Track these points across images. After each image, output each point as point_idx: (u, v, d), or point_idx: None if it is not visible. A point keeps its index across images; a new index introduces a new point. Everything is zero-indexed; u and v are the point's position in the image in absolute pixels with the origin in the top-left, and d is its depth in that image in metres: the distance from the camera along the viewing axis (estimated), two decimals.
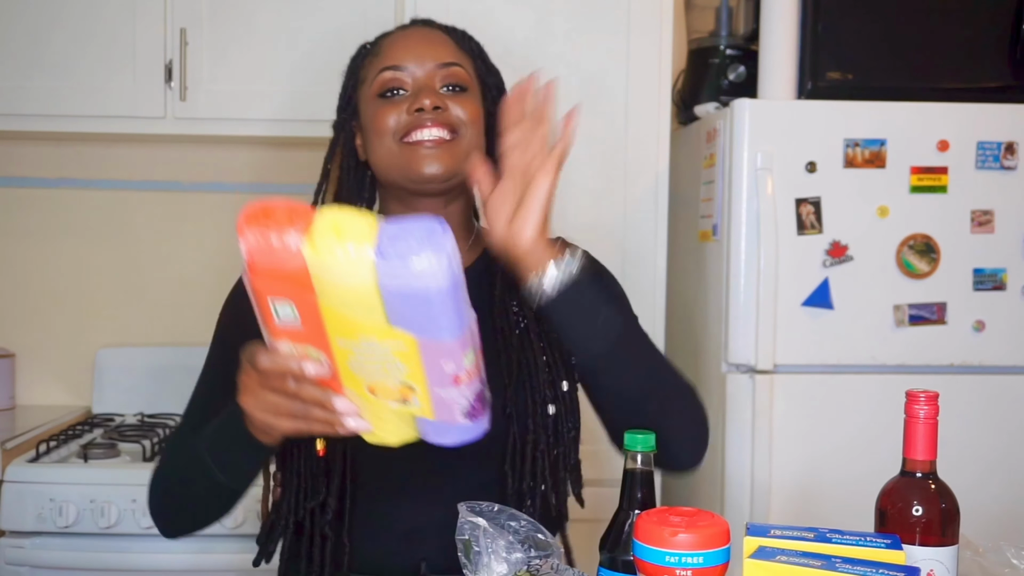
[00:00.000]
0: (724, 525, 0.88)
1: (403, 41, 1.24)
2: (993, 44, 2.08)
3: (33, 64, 2.27)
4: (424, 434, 0.99)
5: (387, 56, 1.23)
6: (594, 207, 2.17)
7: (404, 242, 0.82)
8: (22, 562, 2.01)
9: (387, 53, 1.23)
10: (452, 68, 1.23)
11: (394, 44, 1.24)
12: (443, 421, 0.96)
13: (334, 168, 1.29)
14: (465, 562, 0.94)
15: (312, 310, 0.88)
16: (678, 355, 2.33)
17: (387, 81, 1.21)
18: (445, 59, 1.23)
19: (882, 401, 1.94)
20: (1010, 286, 2.00)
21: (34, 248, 2.60)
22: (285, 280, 0.85)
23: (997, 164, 1.99)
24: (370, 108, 1.23)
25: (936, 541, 0.99)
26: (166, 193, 2.62)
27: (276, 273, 0.85)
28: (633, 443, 0.99)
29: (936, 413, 1.01)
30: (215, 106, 2.28)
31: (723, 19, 2.32)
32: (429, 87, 1.20)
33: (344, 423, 0.97)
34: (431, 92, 1.20)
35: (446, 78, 1.22)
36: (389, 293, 0.84)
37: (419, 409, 0.95)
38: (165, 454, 1.26)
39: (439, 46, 1.24)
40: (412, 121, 1.19)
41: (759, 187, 1.95)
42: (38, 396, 2.60)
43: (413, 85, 1.21)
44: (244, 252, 0.85)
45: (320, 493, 1.18)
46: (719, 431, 2.03)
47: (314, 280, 0.85)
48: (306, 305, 0.87)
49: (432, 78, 1.21)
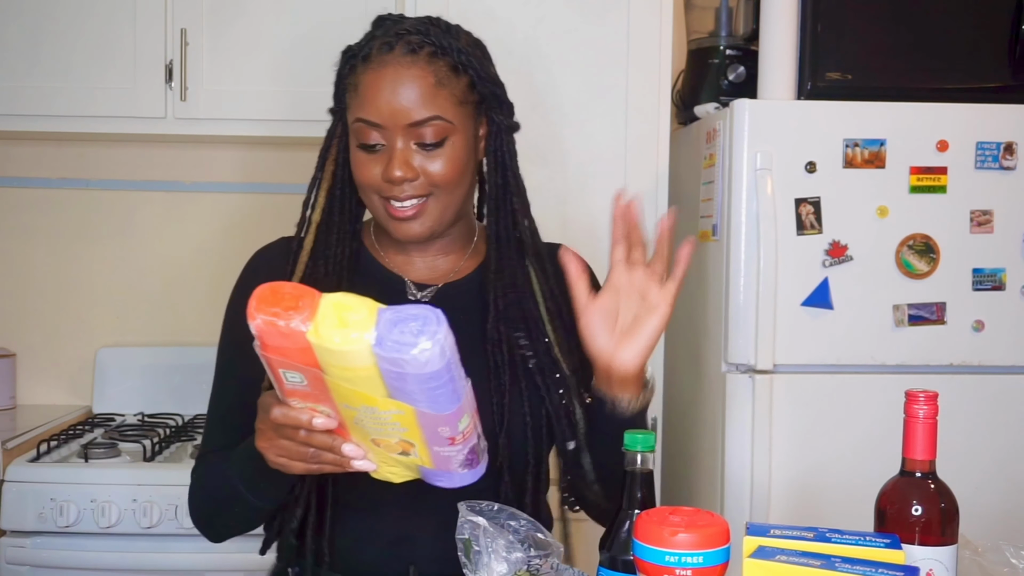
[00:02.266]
0: (724, 525, 0.88)
1: (378, 87, 1.19)
2: (993, 44, 2.08)
3: (33, 64, 2.27)
4: (425, 477, 1.07)
5: (363, 101, 1.21)
6: (594, 207, 2.18)
7: (400, 330, 0.90)
8: (23, 562, 2.01)
9: (363, 96, 1.21)
10: (427, 125, 1.19)
11: (370, 89, 1.20)
12: (441, 470, 1.04)
13: (329, 161, 1.30)
14: (465, 561, 0.94)
15: (318, 379, 0.95)
16: (678, 355, 2.33)
17: (362, 134, 1.21)
18: (420, 115, 1.19)
19: (882, 401, 1.94)
20: (1009, 286, 2.00)
21: (34, 248, 2.60)
22: (293, 356, 0.93)
23: (996, 164, 1.99)
24: (352, 147, 1.24)
25: (935, 541, 0.99)
26: (166, 193, 2.62)
27: (285, 351, 0.93)
28: (633, 443, 0.99)
29: (936, 413, 1.01)
30: (215, 106, 2.28)
31: (723, 19, 2.32)
32: (402, 154, 1.20)
33: (352, 465, 1.04)
34: (402, 162, 1.19)
35: (420, 136, 1.20)
36: (388, 375, 0.92)
37: (419, 460, 1.03)
38: (200, 476, 1.29)
39: (414, 95, 1.19)
40: (387, 188, 1.21)
41: (759, 187, 1.95)
42: (38, 396, 2.60)
43: (388, 142, 1.21)
44: (255, 333, 0.92)
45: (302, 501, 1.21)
46: (719, 431, 2.03)
47: (319, 359, 0.92)
48: (313, 375, 0.95)
49: (407, 138, 1.20)
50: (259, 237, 1.37)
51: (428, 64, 1.20)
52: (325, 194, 1.29)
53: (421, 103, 1.19)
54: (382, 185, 1.21)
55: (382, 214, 1.24)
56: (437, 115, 1.20)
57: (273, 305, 0.91)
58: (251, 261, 1.34)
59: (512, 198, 1.30)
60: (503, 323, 1.25)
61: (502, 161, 1.29)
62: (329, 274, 1.25)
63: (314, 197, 1.30)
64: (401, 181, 1.19)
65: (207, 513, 1.27)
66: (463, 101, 1.23)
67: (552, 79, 2.19)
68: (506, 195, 1.30)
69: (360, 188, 1.25)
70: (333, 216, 1.29)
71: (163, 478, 2.04)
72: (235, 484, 1.17)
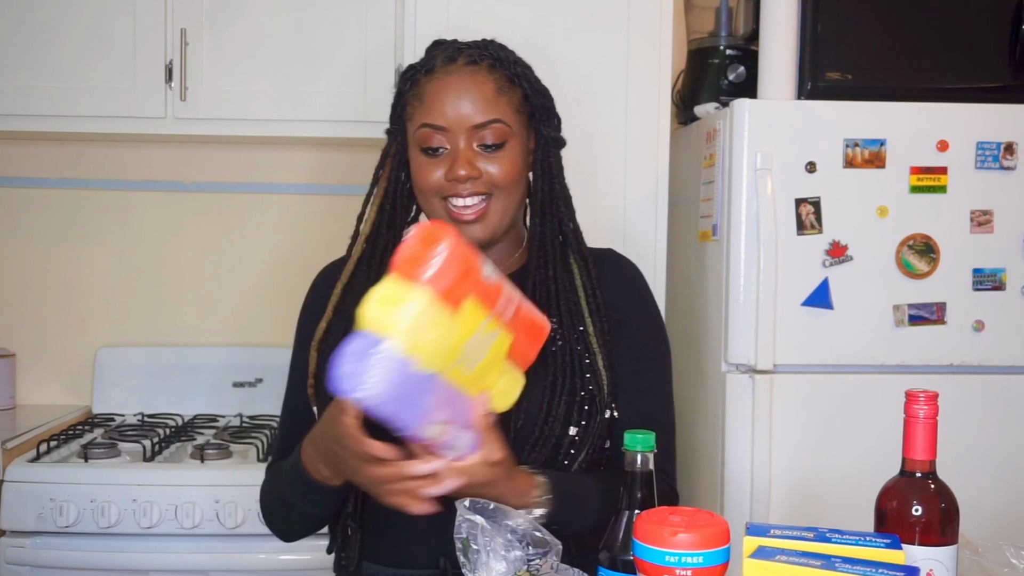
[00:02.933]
0: (724, 525, 0.88)
1: (443, 95, 1.28)
2: (993, 44, 2.08)
3: (33, 64, 2.27)
4: None
5: (429, 108, 1.29)
6: (594, 207, 2.17)
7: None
8: (23, 562, 2.01)
9: (429, 104, 1.29)
10: (489, 128, 1.29)
11: (435, 96, 1.29)
12: None
13: (383, 178, 1.37)
14: (464, 560, 0.94)
15: None
16: (678, 355, 2.33)
17: (426, 138, 1.29)
18: (483, 117, 1.28)
19: (882, 401, 1.93)
20: (1009, 286, 2.00)
21: (34, 248, 2.60)
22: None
23: (996, 164, 1.99)
24: (414, 155, 1.32)
25: (935, 541, 0.99)
26: (166, 193, 2.62)
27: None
28: (633, 443, 0.99)
29: (936, 413, 1.01)
30: (215, 106, 2.28)
31: (723, 19, 2.32)
32: (465, 153, 1.28)
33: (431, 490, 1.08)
34: (466, 161, 1.27)
35: (483, 139, 1.29)
36: None
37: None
38: (269, 479, 1.37)
39: (479, 100, 1.28)
40: (450, 187, 1.29)
41: (759, 187, 1.95)
42: (38, 396, 2.60)
43: (452, 145, 1.29)
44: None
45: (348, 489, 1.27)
46: (719, 431, 2.03)
47: None
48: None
49: (470, 140, 1.28)
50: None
51: (489, 73, 1.31)
52: (376, 208, 1.37)
53: (484, 107, 1.29)
54: (444, 185, 1.29)
55: (443, 215, 1.30)
56: (498, 118, 1.29)
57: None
58: (317, 277, 1.45)
59: (559, 203, 1.37)
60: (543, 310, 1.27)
61: (549, 172, 1.37)
62: (371, 280, 1.28)
63: (367, 211, 1.38)
64: (465, 179, 1.27)
65: (273, 513, 1.34)
66: (519, 110, 1.33)
67: (552, 79, 2.17)
68: (553, 200, 1.37)
69: (421, 193, 1.32)
70: (382, 229, 1.36)
71: (163, 478, 2.04)
72: (288, 497, 1.26)
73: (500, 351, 1.08)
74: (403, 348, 0.96)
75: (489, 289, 1.05)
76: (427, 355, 0.98)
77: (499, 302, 1.06)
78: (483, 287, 1.04)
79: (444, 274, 0.99)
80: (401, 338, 0.96)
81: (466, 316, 1.02)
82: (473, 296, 1.02)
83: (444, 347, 1.00)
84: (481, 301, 1.03)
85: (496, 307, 1.06)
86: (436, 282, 0.98)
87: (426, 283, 0.98)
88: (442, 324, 0.99)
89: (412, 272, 0.98)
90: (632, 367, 1.35)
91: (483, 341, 1.05)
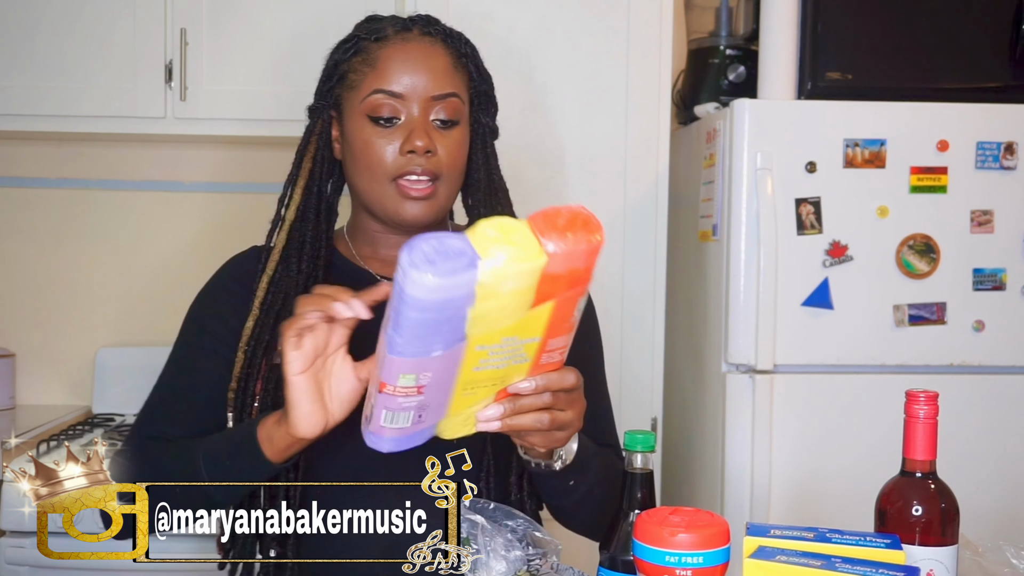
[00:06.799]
0: (724, 525, 0.88)
1: (401, 61, 1.18)
2: (993, 44, 2.08)
3: (33, 64, 2.27)
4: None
5: (382, 74, 1.18)
6: (594, 207, 2.17)
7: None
8: (22, 562, 2.01)
9: (383, 69, 1.18)
10: (447, 101, 1.18)
11: (391, 61, 1.18)
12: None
13: (307, 159, 1.27)
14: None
15: None
16: (678, 355, 2.33)
17: (380, 106, 1.17)
18: (442, 89, 1.18)
19: (882, 401, 1.94)
20: (1010, 286, 2.00)
21: (34, 248, 2.60)
22: None
23: (997, 164, 1.99)
24: (359, 126, 1.19)
25: (936, 541, 0.99)
26: (166, 193, 2.62)
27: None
28: (633, 443, 0.99)
29: (936, 413, 1.01)
30: (215, 106, 2.28)
31: (723, 19, 2.32)
32: (422, 124, 1.17)
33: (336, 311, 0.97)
34: (423, 132, 1.16)
35: (439, 112, 1.18)
36: None
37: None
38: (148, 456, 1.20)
39: (437, 70, 1.19)
40: (404, 164, 1.17)
41: (759, 187, 1.95)
42: (38, 396, 2.60)
43: (407, 116, 1.18)
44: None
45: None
46: (719, 431, 2.03)
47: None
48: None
49: (425, 111, 1.18)
50: (257, 236, 1.36)
51: (444, 47, 1.21)
52: (301, 191, 1.26)
53: (443, 78, 1.19)
54: (398, 160, 1.16)
55: (392, 196, 1.18)
56: (456, 92, 1.20)
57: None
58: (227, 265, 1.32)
59: (499, 196, 1.28)
60: None
61: (488, 163, 1.27)
62: (302, 272, 1.22)
63: (289, 194, 1.27)
64: (423, 151, 1.16)
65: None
66: (467, 94, 1.23)
67: (552, 79, 2.18)
68: (493, 192, 1.28)
69: (368, 170, 1.19)
70: (308, 214, 1.25)
71: None
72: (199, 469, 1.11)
73: (508, 378, 0.96)
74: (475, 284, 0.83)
75: (565, 320, 0.92)
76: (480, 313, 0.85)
77: (557, 340, 0.94)
78: (566, 309, 0.91)
79: (566, 260, 0.86)
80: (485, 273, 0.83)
81: (533, 317, 0.89)
82: (553, 306, 0.89)
83: (495, 321, 0.87)
84: (551, 319, 0.91)
85: (551, 339, 0.93)
86: (554, 261, 0.86)
87: (550, 253, 0.85)
88: (515, 302, 0.86)
89: (546, 231, 0.85)
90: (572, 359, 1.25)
91: (513, 354, 0.93)
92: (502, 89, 1.31)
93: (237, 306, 1.24)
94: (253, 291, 1.23)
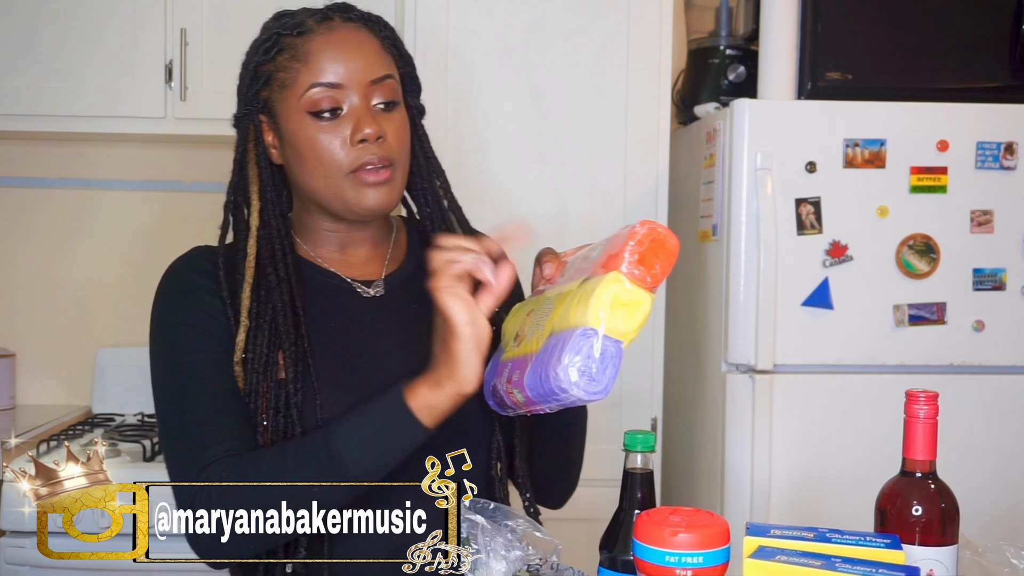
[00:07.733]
0: (724, 525, 0.88)
1: (332, 50, 1.16)
2: (993, 44, 2.08)
3: (33, 64, 2.27)
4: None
5: (315, 67, 1.15)
6: (594, 207, 2.17)
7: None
8: (22, 562, 2.01)
9: (315, 62, 1.15)
10: (385, 83, 1.17)
11: (322, 53, 1.15)
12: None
13: (251, 168, 1.24)
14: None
15: None
16: (678, 355, 2.33)
17: (320, 100, 1.15)
18: (378, 72, 1.16)
19: (882, 401, 1.94)
20: (1010, 286, 2.00)
21: (34, 248, 2.60)
22: None
23: (997, 164, 1.99)
24: (300, 125, 1.16)
25: (936, 541, 0.99)
26: (166, 193, 2.62)
27: None
28: (633, 443, 0.99)
29: (936, 413, 1.01)
30: (215, 106, 2.28)
31: (723, 19, 2.32)
32: (367, 110, 1.15)
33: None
34: (370, 119, 1.14)
35: (379, 95, 1.16)
36: None
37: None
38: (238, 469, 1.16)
39: (369, 54, 1.17)
40: (358, 155, 1.15)
41: (759, 187, 1.95)
42: (38, 396, 2.60)
43: (348, 105, 1.15)
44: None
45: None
46: (719, 431, 2.03)
47: None
48: None
49: (366, 98, 1.16)
50: None
51: (369, 31, 1.19)
52: (259, 198, 1.23)
53: (378, 60, 1.17)
54: (351, 152, 1.14)
55: (350, 189, 1.16)
56: (391, 74, 1.19)
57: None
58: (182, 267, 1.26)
59: (435, 178, 1.27)
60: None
61: (422, 144, 1.26)
62: (281, 281, 1.19)
63: (246, 201, 1.24)
64: (375, 138, 1.14)
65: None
66: (397, 75, 1.21)
67: (552, 79, 2.18)
68: (430, 175, 1.26)
69: (320, 168, 1.16)
70: (269, 220, 1.22)
71: (163, 478, 2.03)
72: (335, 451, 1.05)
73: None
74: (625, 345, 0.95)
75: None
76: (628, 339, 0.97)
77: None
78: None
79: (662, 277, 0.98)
80: (629, 340, 0.95)
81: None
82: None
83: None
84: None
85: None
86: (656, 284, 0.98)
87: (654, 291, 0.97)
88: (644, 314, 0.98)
89: (642, 277, 0.96)
90: None
91: None
92: (501, 88, 1.31)
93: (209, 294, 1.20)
94: (218, 281, 1.19)
